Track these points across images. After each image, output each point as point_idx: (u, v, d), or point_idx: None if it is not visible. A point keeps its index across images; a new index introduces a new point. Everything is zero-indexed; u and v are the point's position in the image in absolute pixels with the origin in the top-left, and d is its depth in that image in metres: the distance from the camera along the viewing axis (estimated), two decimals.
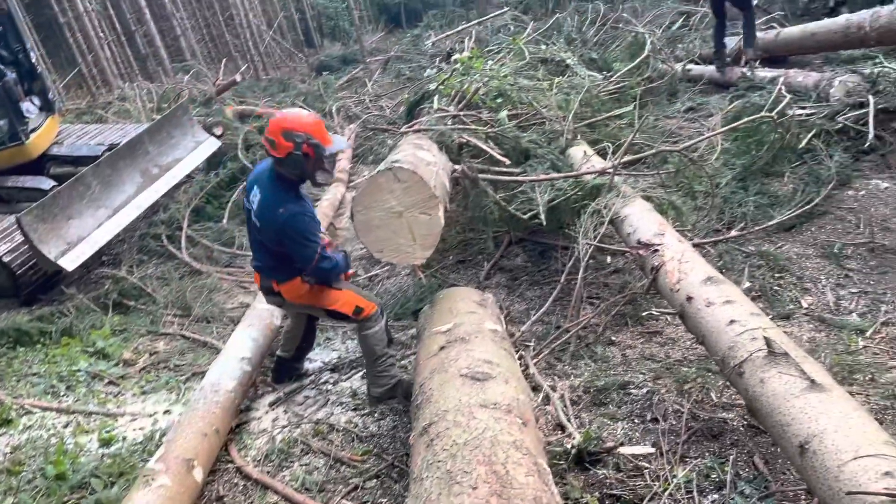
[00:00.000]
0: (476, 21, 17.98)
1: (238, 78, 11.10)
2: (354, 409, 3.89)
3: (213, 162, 8.45)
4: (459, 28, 17.11)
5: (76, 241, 6.23)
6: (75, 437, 4.00)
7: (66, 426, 4.18)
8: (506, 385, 2.69)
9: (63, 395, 4.58)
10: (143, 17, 20.52)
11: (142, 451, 3.73)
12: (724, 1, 8.45)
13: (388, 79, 15.29)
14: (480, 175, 4.59)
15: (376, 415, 3.78)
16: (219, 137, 8.70)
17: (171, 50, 22.23)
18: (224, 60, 16.01)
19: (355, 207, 3.65)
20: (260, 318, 4.32)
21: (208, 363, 4.35)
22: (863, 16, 7.05)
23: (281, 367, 4.22)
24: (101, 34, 17.80)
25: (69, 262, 5.94)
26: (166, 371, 4.77)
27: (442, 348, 3.08)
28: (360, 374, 4.21)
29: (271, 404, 4.01)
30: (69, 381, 4.69)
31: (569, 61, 8.24)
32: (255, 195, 3.37)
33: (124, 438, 3.93)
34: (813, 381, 2.19)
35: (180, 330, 5.33)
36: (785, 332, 4.04)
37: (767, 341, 2.40)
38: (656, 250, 3.50)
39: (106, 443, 3.88)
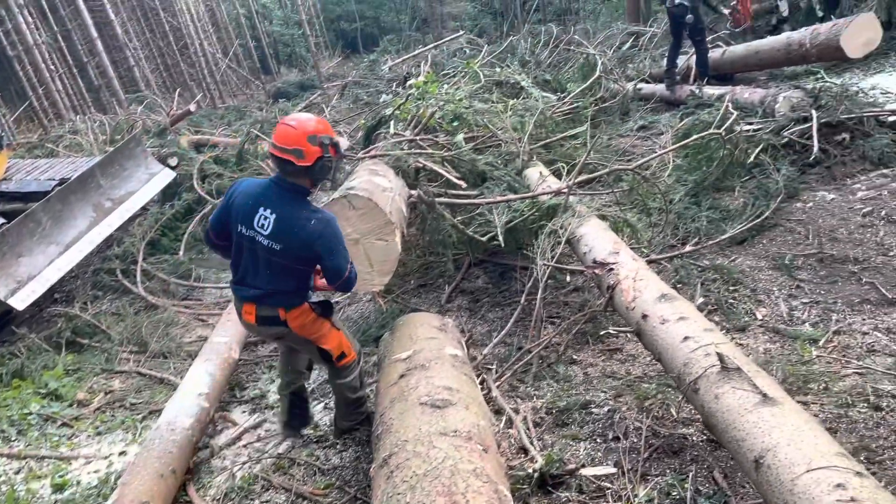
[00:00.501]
0: (432, 45, 18.20)
1: (192, 108, 11.00)
2: (317, 442, 3.82)
3: (168, 193, 8.33)
4: (415, 52, 17.29)
5: (26, 280, 6.06)
6: (27, 484, 3.85)
7: (17, 472, 4.02)
8: (466, 411, 2.67)
9: (14, 440, 4.41)
10: (95, 48, 20.23)
11: (97, 495, 3.61)
12: (680, 25, 8.67)
13: (345, 104, 15.31)
14: (437, 199, 4.60)
15: (339, 446, 3.72)
16: (174, 168, 8.58)
17: (124, 81, 21.97)
18: (178, 90, 15.84)
19: None
20: (217, 353, 4.24)
21: (165, 400, 4.24)
22: (803, 33, 7.32)
23: (293, 406, 3.75)
24: (52, 66, 17.52)
25: (20, 302, 5.77)
26: (122, 410, 4.64)
27: (402, 376, 3.06)
28: (322, 404, 4.16)
29: (231, 440, 3.92)
30: (20, 424, 4.52)
31: (523, 83, 8.37)
32: (266, 217, 3.04)
33: (78, 483, 3.80)
34: (765, 395, 2.22)
35: (136, 367, 5.20)
36: (741, 345, 4.16)
37: (720, 357, 2.43)
38: (611, 269, 3.54)
39: (59, 488, 3.75)
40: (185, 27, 25.37)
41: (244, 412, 4.27)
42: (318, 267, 3.20)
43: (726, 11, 8.59)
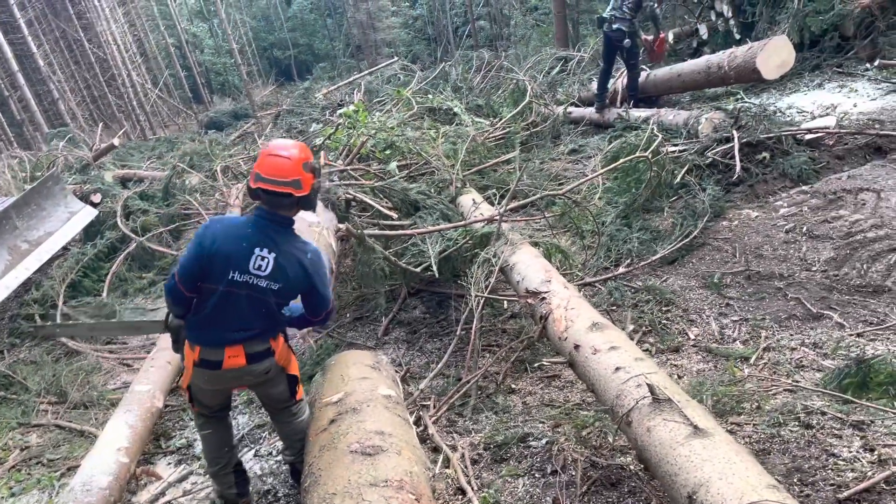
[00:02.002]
0: (366, 72, 18.19)
1: (116, 142, 10.64)
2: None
3: (90, 232, 7.97)
4: (350, 80, 17.24)
5: None
6: None
7: None
8: (398, 457, 2.57)
9: None
10: (16, 81, 19.48)
11: None
12: (614, 50, 8.85)
13: (279, 133, 15.09)
14: (367, 232, 4.50)
15: (269, 497, 3.55)
16: (96, 206, 8.24)
17: (49, 114, 21.23)
18: (101, 124, 15.33)
19: None
20: (139, 402, 4.01)
21: (84, 455, 3.98)
22: (721, 56, 7.56)
23: (240, 476, 3.46)
24: None
25: None
26: (39, 467, 4.33)
27: (332, 421, 2.93)
28: (252, 451, 3.98)
29: (154, 496, 3.69)
30: None
31: (456, 109, 8.39)
32: (264, 257, 2.83)
33: None
34: (696, 427, 2.20)
35: (55, 419, 4.88)
36: (675, 365, 4.19)
37: (651, 388, 2.40)
38: (544, 298, 3.50)
39: None
40: (112, 58, 24.76)
41: (170, 464, 4.04)
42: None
43: (649, 38, 8.85)
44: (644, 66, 9.68)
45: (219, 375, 2.97)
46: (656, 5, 8.47)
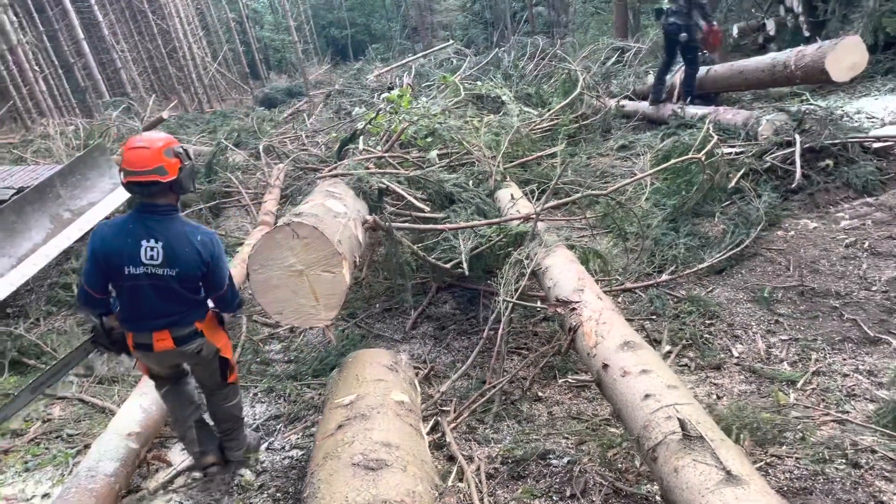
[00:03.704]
0: (420, 54, 18.00)
1: (165, 115, 10.69)
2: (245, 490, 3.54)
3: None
4: (402, 62, 17.09)
5: None
6: None
7: None
8: (402, 474, 2.41)
9: None
10: (81, 49, 19.93)
11: None
12: (675, 44, 8.50)
13: (329, 113, 15.05)
14: (395, 224, 4.33)
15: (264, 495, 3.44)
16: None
17: (111, 83, 21.66)
18: (152, 97, 15.50)
19: (251, 266, 3.34)
20: None
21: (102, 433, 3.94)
22: (788, 54, 7.12)
23: (205, 433, 3.61)
24: (37, 67, 17.16)
25: None
26: (57, 442, 4.32)
27: (340, 426, 2.79)
28: (266, 445, 3.88)
29: (161, 484, 3.61)
30: None
31: (504, 98, 8.14)
32: (153, 247, 2.98)
33: None
34: (729, 473, 1.97)
35: (79, 393, 4.89)
36: (715, 384, 3.92)
37: (682, 423, 2.18)
38: (574, 308, 3.28)
39: None
40: (175, 30, 25.06)
41: (183, 450, 3.97)
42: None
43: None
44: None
45: (155, 356, 3.21)
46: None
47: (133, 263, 2.97)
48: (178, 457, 3.88)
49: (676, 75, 8.92)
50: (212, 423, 3.64)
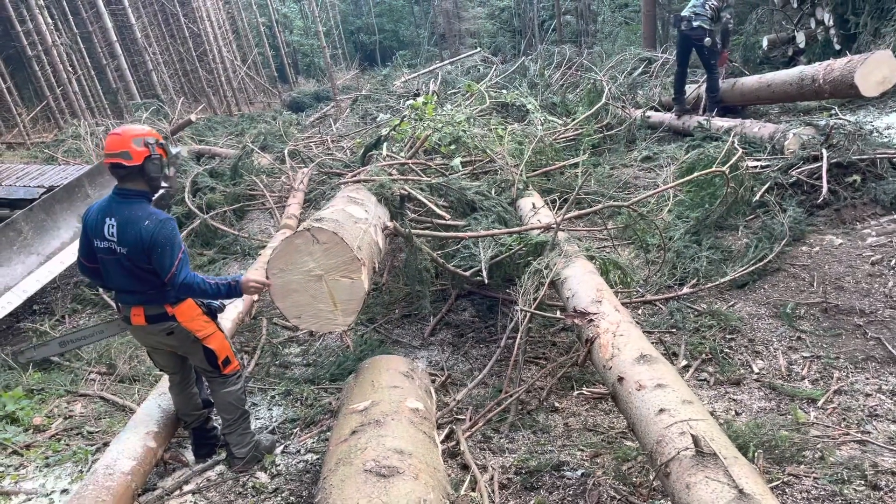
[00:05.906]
0: (447, 61, 18.07)
1: (193, 117, 10.85)
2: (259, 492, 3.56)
3: (160, 205, 8.14)
4: (429, 69, 17.16)
5: (2, 291, 5.89)
6: None
7: None
8: (414, 482, 2.41)
9: None
10: (114, 51, 20.28)
11: None
12: (688, 50, 8.45)
13: (355, 118, 15.16)
14: (415, 231, 4.35)
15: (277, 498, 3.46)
16: (168, 179, 8.40)
17: (143, 84, 21.99)
18: (181, 100, 15.72)
19: (270, 270, 3.38)
20: None
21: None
22: (816, 68, 7.02)
23: (198, 439, 3.88)
24: (70, 68, 17.51)
25: None
26: (78, 438, 4.39)
27: (353, 432, 2.81)
28: (281, 448, 3.91)
29: (176, 484, 3.66)
30: None
31: (528, 106, 8.14)
32: (112, 224, 3.24)
33: None
34: (741, 492, 1.95)
35: (101, 390, 4.96)
36: (734, 400, 3.88)
37: (695, 440, 2.16)
38: (591, 320, 3.27)
39: None
40: (205, 34, 25.43)
41: None
42: None
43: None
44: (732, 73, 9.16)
45: (133, 330, 3.50)
46: (731, 22, 8.14)
47: (98, 238, 3.28)
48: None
49: (701, 87, 8.84)
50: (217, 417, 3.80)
